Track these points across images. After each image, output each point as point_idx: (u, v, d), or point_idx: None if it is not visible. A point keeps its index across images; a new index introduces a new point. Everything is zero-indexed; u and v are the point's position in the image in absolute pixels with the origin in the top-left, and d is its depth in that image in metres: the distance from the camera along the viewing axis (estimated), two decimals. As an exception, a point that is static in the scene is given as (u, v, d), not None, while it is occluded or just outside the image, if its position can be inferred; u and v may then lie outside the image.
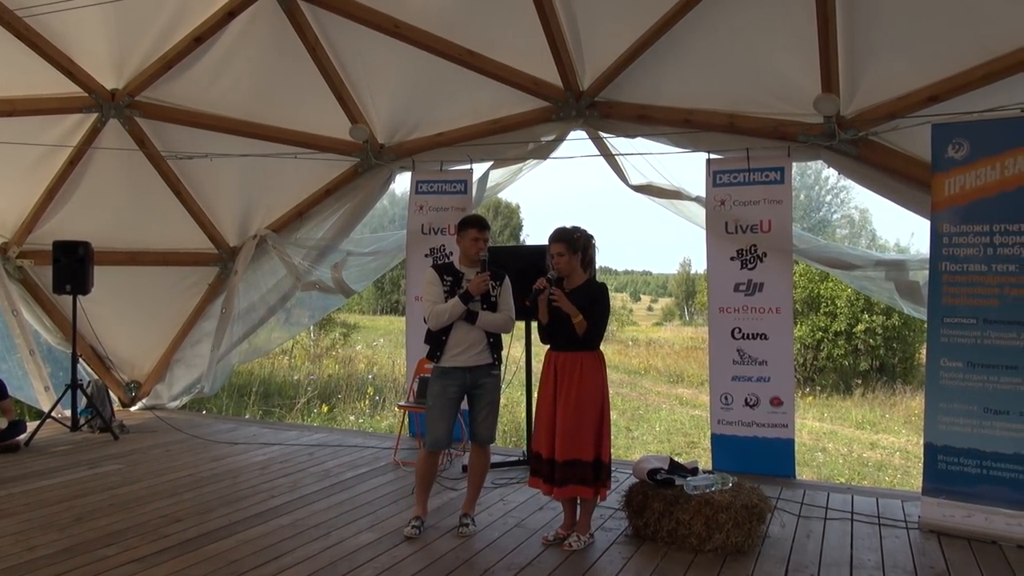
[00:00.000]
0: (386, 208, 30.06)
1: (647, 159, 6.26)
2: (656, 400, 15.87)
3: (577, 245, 4.28)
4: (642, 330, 38.62)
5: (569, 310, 4.13)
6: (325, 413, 11.98)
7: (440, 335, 4.37)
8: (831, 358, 17.90)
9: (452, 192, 7.00)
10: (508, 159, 6.81)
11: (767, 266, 5.83)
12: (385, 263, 7.72)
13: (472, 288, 4.29)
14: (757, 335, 5.85)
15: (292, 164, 7.14)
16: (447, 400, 4.35)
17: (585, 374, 4.17)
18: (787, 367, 5.85)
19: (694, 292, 59.43)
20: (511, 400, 12.71)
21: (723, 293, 5.96)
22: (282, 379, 14.54)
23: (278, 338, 8.73)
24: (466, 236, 4.40)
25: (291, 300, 8.02)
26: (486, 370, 4.40)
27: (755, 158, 5.84)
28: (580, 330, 4.14)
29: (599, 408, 4.17)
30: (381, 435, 8.07)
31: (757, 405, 5.84)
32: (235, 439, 7.12)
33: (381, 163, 7.27)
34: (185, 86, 6.82)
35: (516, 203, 62.77)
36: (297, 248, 7.70)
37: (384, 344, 21.39)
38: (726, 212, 5.93)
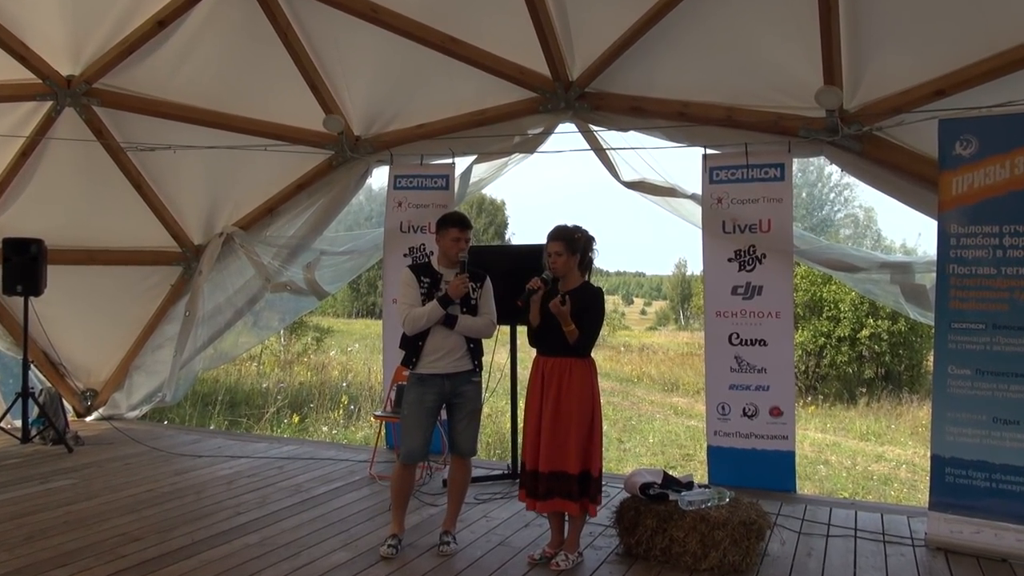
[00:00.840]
0: (362, 204, 29.99)
1: (640, 154, 6.30)
2: (649, 410, 15.91)
3: (577, 246, 4.29)
4: (635, 335, 38.73)
5: (562, 319, 4.13)
6: (296, 424, 11.92)
7: (416, 340, 4.37)
8: (834, 365, 18.02)
9: (433, 188, 7.00)
10: (493, 153, 6.82)
11: (766, 268, 5.87)
12: (361, 263, 7.70)
13: (451, 291, 4.29)
14: (756, 341, 5.88)
15: (262, 157, 7.11)
16: (424, 409, 4.35)
17: (574, 381, 4.18)
18: (787, 375, 5.88)
19: (690, 295, 59.68)
20: (495, 409, 12.69)
21: (720, 296, 5.99)
22: (250, 387, 14.45)
23: (246, 343, 8.68)
24: (446, 235, 4.40)
25: (260, 302, 7.98)
26: (466, 377, 4.40)
27: (754, 153, 5.88)
28: (571, 339, 4.16)
29: (589, 418, 4.18)
30: (356, 447, 8.04)
31: (756, 415, 5.88)
32: (199, 451, 7.07)
33: (357, 156, 7.25)
34: (147, 73, 6.78)
35: (501, 200, 62.83)
36: (267, 247, 7.67)
37: (360, 350, 21.31)
38: (723, 210, 5.96)
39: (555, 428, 4.16)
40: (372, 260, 7.70)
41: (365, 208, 28.91)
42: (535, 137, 6.63)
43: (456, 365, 4.37)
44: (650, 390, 18.87)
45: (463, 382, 4.39)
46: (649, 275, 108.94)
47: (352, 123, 7.19)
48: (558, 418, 4.15)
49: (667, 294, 78.97)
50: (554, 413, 4.17)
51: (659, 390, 18.93)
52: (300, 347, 19.64)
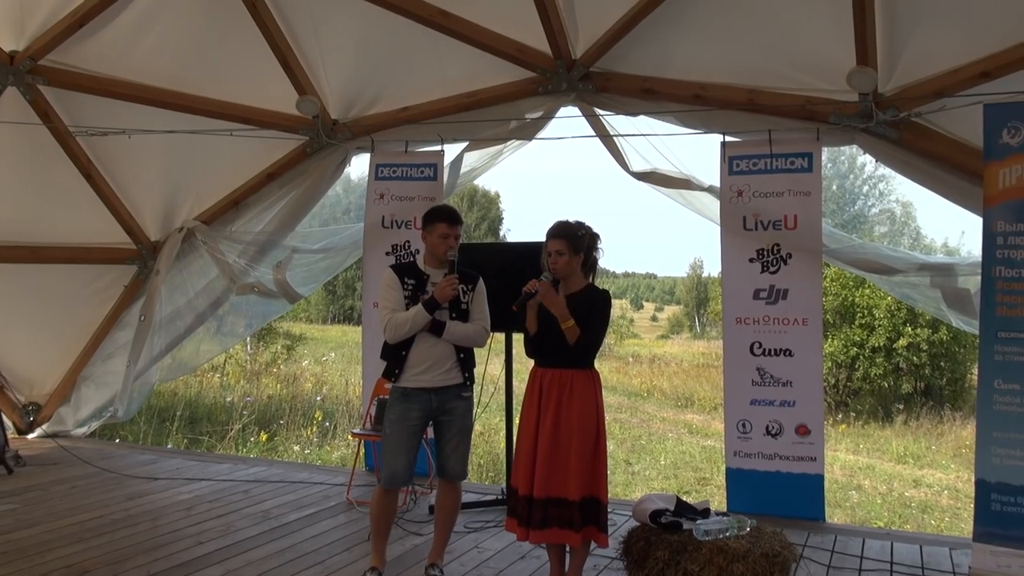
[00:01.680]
0: (340, 196, 29.99)
1: (651, 141, 6.31)
2: (661, 428, 15.92)
3: (580, 244, 4.29)
4: (645, 344, 38.72)
5: (558, 312, 4.13)
6: (264, 442, 11.90)
7: (400, 349, 4.37)
8: (868, 379, 18.04)
9: (419, 178, 7.01)
10: (486, 139, 6.82)
11: (792, 269, 5.88)
12: (338, 262, 7.70)
13: (438, 294, 4.29)
14: (780, 351, 5.89)
15: (227, 143, 7.10)
16: (408, 427, 4.34)
17: (575, 395, 4.17)
18: (815, 389, 5.90)
19: (707, 299, 59.72)
20: (488, 427, 12.67)
21: (740, 301, 6.00)
22: (212, 401, 14.41)
23: (208, 351, 8.67)
24: (434, 231, 4.40)
25: (224, 306, 7.97)
26: (455, 392, 4.40)
27: (778, 142, 5.89)
28: (571, 338, 4.15)
29: (592, 437, 4.17)
30: (332, 469, 8.03)
31: (780, 434, 5.89)
32: (155, 473, 7.06)
33: (334, 143, 7.25)
34: (99, 48, 6.77)
35: (495, 191, 62.80)
36: (232, 243, 7.67)
37: (336, 359, 21.26)
38: (744, 205, 5.97)
39: (553, 449, 4.15)
40: (350, 259, 7.70)
41: (343, 201, 28.91)
42: (534, 122, 6.64)
43: (444, 378, 4.37)
44: (661, 406, 18.87)
45: (452, 397, 4.39)
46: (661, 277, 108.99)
47: (329, 105, 7.19)
48: (557, 437, 4.14)
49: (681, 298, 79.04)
50: (553, 431, 4.15)
51: (672, 406, 18.94)
52: (269, 356, 19.57)
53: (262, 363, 18.72)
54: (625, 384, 21.67)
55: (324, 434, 12.59)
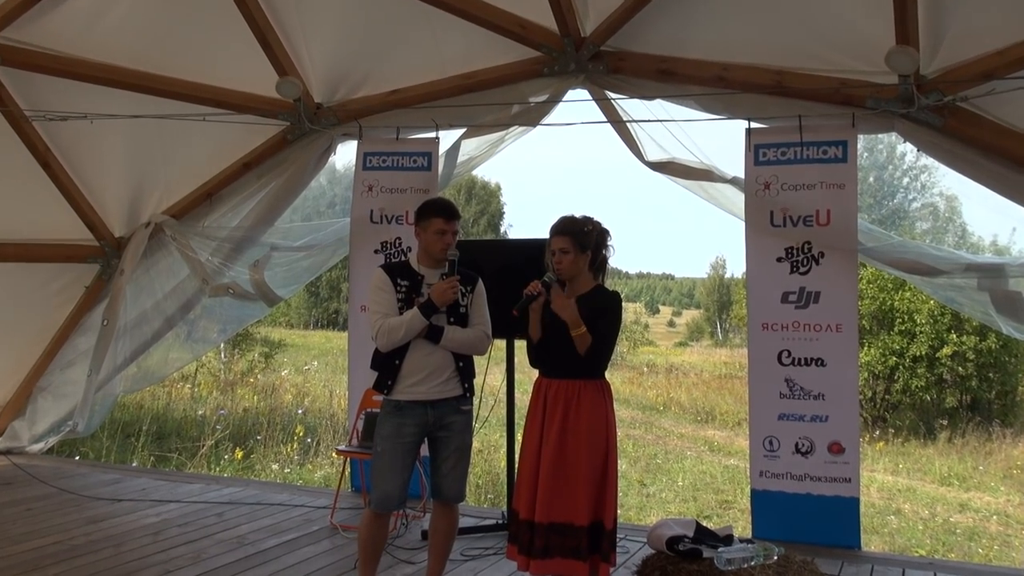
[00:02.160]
0: (324, 188, 29.92)
1: (669, 128, 6.30)
2: (679, 445, 15.92)
3: (587, 241, 4.29)
4: (661, 352, 38.74)
5: (568, 317, 4.14)
6: (239, 460, 11.91)
7: (392, 358, 4.37)
8: (908, 391, 18.06)
9: (411, 168, 7.01)
10: (486, 125, 6.83)
11: (825, 270, 5.88)
12: (321, 261, 7.70)
13: (435, 296, 4.29)
14: (812, 360, 5.89)
15: (199, 129, 7.10)
16: (402, 444, 4.34)
17: (583, 408, 4.17)
18: (850, 402, 5.89)
19: (729, 302, 59.67)
20: (487, 444, 12.68)
21: (767, 305, 6.00)
22: (182, 414, 14.42)
23: (177, 360, 8.67)
24: (428, 227, 4.41)
25: (196, 309, 7.97)
26: (454, 405, 4.40)
27: (810, 128, 5.89)
28: (581, 346, 4.15)
29: (602, 455, 4.17)
30: (314, 490, 8.03)
31: (811, 452, 5.88)
32: (119, 494, 7.07)
33: (317, 129, 7.26)
34: (59, 24, 6.77)
35: (496, 183, 62.87)
36: (205, 240, 7.67)
37: (319, 369, 21.28)
38: (771, 198, 5.97)
39: (559, 468, 4.15)
40: (335, 257, 7.70)
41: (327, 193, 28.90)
42: (538, 107, 6.64)
43: (442, 390, 4.37)
44: (679, 421, 18.88)
45: (450, 411, 4.39)
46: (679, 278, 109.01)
47: (312, 88, 7.19)
48: (563, 455, 4.14)
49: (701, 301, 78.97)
50: (558, 449, 4.16)
51: (691, 421, 18.94)
52: (245, 365, 19.58)
53: (237, 372, 18.73)
54: (639, 396, 21.68)
55: (306, 451, 12.60)
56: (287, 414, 14.65)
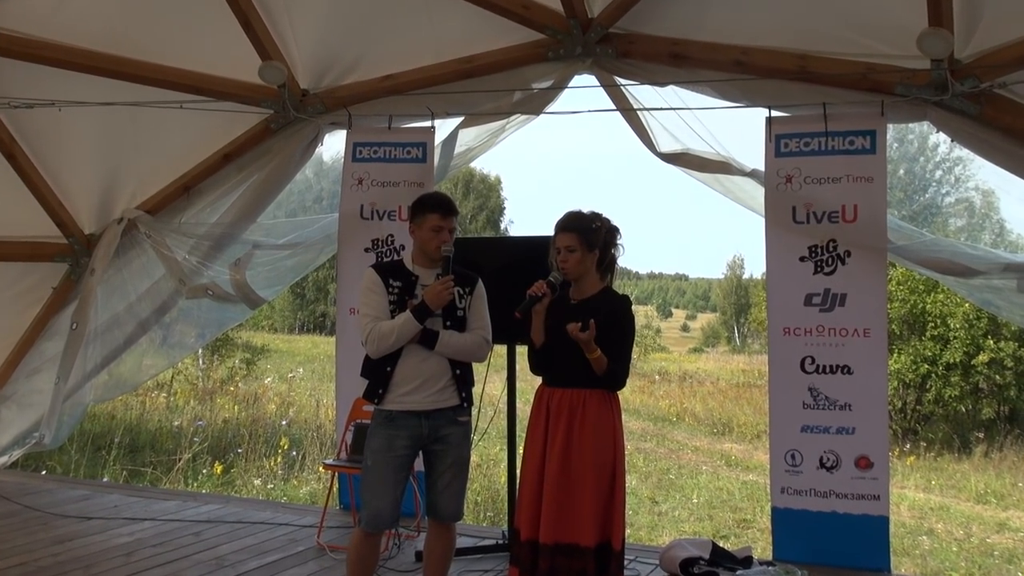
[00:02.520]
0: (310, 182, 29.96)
1: (683, 117, 6.30)
2: (693, 459, 15.92)
3: (595, 239, 4.29)
4: (674, 359, 38.75)
5: (586, 346, 4.12)
6: (219, 475, 11.91)
7: (384, 365, 4.37)
8: (941, 401, 18.04)
9: (405, 159, 7.01)
10: (485, 114, 6.82)
11: (852, 270, 5.88)
12: (308, 260, 7.70)
13: (430, 298, 4.29)
14: (837, 367, 5.88)
15: (176, 117, 7.10)
16: (394, 458, 4.34)
17: (589, 420, 4.18)
18: (879, 413, 5.89)
19: (748, 305, 59.68)
20: (486, 458, 12.68)
21: (789, 307, 6.00)
22: (157, 426, 14.42)
23: (152, 366, 8.67)
24: (424, 224, 4.41)
25: (172, 312, 7.97)
26: (450, 416, 4.40)
27: (835, 117, 5.89)
28: (599, 369, 4.16)
29: (609, 470, 4.18)
30: (299, 507, 8.03)
31: (837, 467, 5.87)
32: (88, 511, 7.07)
33: (304, 117, 7.25)
34: (23, 4, 6.77)
35: (496, 176, 62.98)
36: (182, 237, 7.67)
37: (305, 376, 21.28)
38: (794, 193, 5.97)
39: (563, 484, 4.15)
40: (322, 256, 7.70)
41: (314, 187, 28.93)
42: (542, 93, 6.64)
43: (437, 399, 4.37)
44: (694, 433, 18.88)
45: (446, 422, 4.39)
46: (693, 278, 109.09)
47: (298, 73, 7.19)
48: (567, 470, 4.15)
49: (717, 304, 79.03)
50: (562, 463, 4.16)
51: (706, 433, 18.94)
52: (225, 372, 19.58)
53: (217, 380, 18.73)
54: (650, 407, 21.68)
55: (290, 466, 12.60)
56: (270, 425, 14.64)
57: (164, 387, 16.83)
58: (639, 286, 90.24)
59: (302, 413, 16.00)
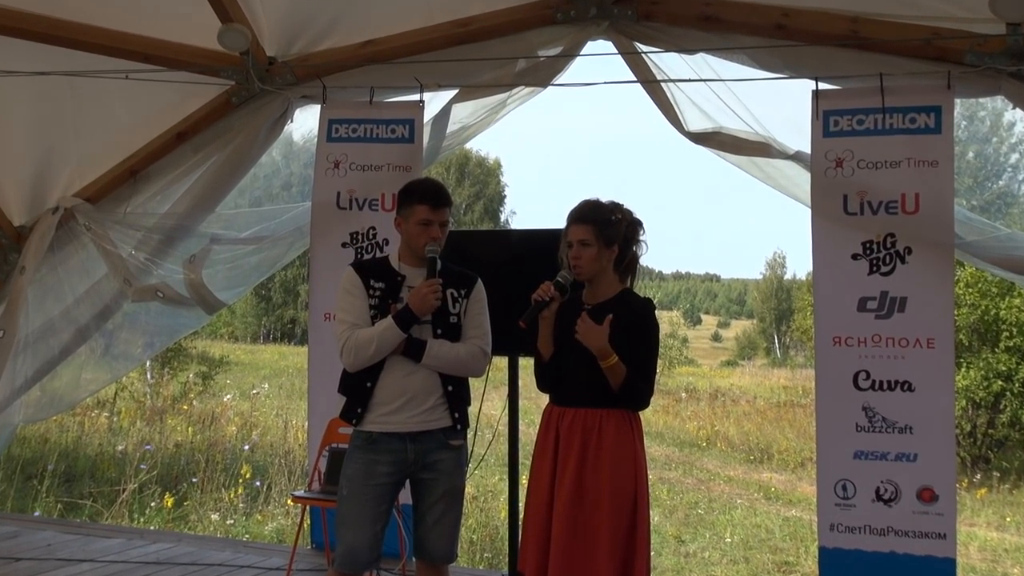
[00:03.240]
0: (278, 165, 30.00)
1: (714, 89, 6.30)
2: (727, 492, 15.91)
3: (614, 233, 4.30)
4: (703, 373, 38.76)
5: (596, 347, 4.12)
6: (170, 509, 11.91)
7: (364, 380, 4.38)
8: (1018, 424, 18.04)
9: (389, 139, 7.01)
10: (484, 86, 6.83)
11: (913, 269, 5.87)
12: (274, 257, 7.69)
13: (414, 303, 4.29)
14: (896, 384, 5.87)
15: (121, 90, 7.11)
16: (373, 487, 4.35)
17: (606, 444, 4.18)
18: (945, 438, 5.88)
19: (790, 311, 59.75)
20: (483, 489, 12.67)
21: (839, 313, 5.99)
22: (98, 450, 14.43)
23: (92, 381, 8.66)
24: (412, 216, 4.41)
25: (115, 317, 7.97)
26: (441, 439, 4.41)
27: (893, 91, 5.88)
28: (615, 379, 4.15)
29: (629, 504, 4.18)
30: (265, 546, 8.04)
31: (896, 500, 5.87)
32: (17, 551, 7.06)
33: (270, 89, 7.25)
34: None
35: (495, 159, 63.13)
36: (128, 230, 7.67)
37: (271, 393, 21.31)
38: (845, 179, 5.97)
39: (575, 519, 4.15)
40: (292, 252, 7.70)
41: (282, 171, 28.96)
42: (549, 63, 6.64)
43: (426, 420, 4.37)
44: (727, 461, 18.87)
45: (437, 446, 4.40)
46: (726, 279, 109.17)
47: (263, 38, 7.18)
48: (581, 503, 4.15)
49: (754, 309, 79.05)
50: (574, 495, 4.16)
51: (742, 461, 18.94)
52: (177, 388, 19.60)
53: (168, 398, 18.76)
54: (676, 430, 21.69)
55: (253, 497, 12.61)
56: (230, 451, 14.65)
57: (106, 405, 16.84)
58: (662, 288, 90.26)
59: (267, 436, 16.02)
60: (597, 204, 4.35)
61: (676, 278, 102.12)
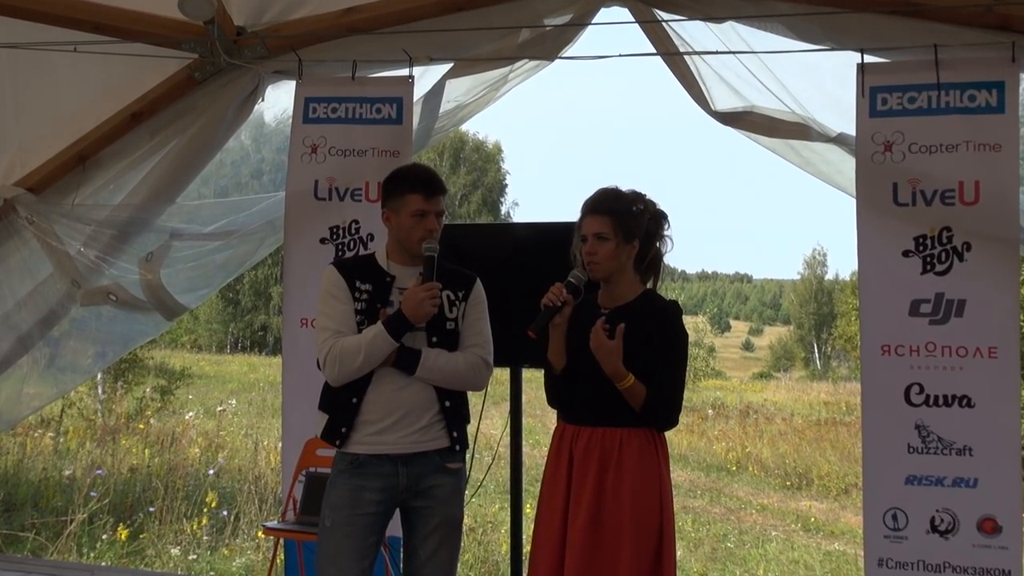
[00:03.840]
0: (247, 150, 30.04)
1: (745, 63, 6.30)
2: (759, 522, 15.90)
3: (635, 227, 4.30)
4: (733, 387, 38.75)
5: (609, 367, 4.12)
6: (124, 542, 11.92)
7: (349, 395, 4.38)
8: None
9: (374, 120, 7.02)
10: (482, 59, 6.83)
11: (973, 268, 5.86)
12: (243, 254, 7.70)
13: (409, 309, 4.29)
14: (954, 398, 5.87)
15: (68, 64, 7.13)
16: (361, 517, 4.36)
17: (626, 468, 4.18)
18: (1010, 460, 5.87)
19: (832, 316, 59.70)
20: (482, 519, 12.67)
21: (889, 318, 6.00)
22: (41, 476, 14.43)
23: (35, 397, 8.67)
24: (403, 207, 4.42)
25: (62, 324, 7.99)
26: (437, 462, 4.42)
27: (950, 64, 5.88)
28: (635, 401, 4.15)
29: (654, 535, 4.18)
30: (233, 585, 8.05)
31: (954, 531, 5.87)
32: (-49, 591, 7.09)
33: (238, 64, 7.25)
34: None
35: (495, 142, 63.14)
36: (76, 224, 7.68)
37: (239, 410, 21.31)
38: (894, 165, 5.97)
39: (593, 554, 4.16)
40: (264, 249, 7.70)
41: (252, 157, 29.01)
42: (556, 33, 6.64)
43: (420, 440, 4.39)
44: (761, 487, 18.86)
45: (432, 470, 4.41)
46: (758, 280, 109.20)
47: (231, 5, 7.18)
48: (598, 536, 4.15)
49: (791, 314, 79.06)
50: (590, 526, 4.16)
51: (777, 487, 18.93)
52: (132, 405, 19.60)
53: (121, 416, 18.75)
54: (702, 452, 21.67)
55: (219, 529, 12.61)
56: (193, 476, 14.65)
57: (51, 424, 16.84)
58: (686, 289, 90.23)
59: (235, 459, 16.01)
60: (616, 193, 4.35)
61: (701, 278, 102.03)
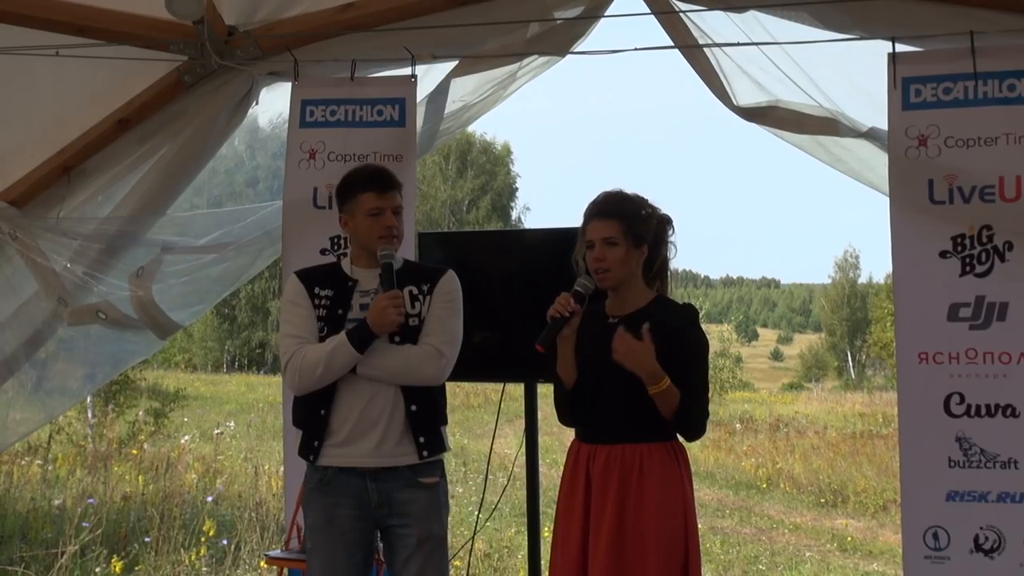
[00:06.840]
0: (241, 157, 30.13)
1: (770, 55, 6.30)
2: (792, 542, 15.89)
3: (644, 231, 4.31)
4: (761, 399, 38.74)
5: (643, 369, 4.11)
6: (118, 574, 11.94)
7: (317, 406, 4.40)
8: None
9: (375, 122, 7.02)
10: (489, 56, 6.84)
11: (1015, 269, 5.85)
12: (239, 268, 7.71)
13: (373, 318, 4.30)
14: (997, 408, 5.85)
15: (51, 69, 7.14)
16: (340, 536, 4.40)
17: (648, 487, 4.18)
18: (1058, 474, 5.86)
19: (866, 322, 59.68)
20: (497, 543, 12.66)
21: (926, 324, 5.98)
22: (29, 505, 14.46)
23: (22, 422, 8.69)
24: (357, 209, 4.52)
25: (48, 345, 8.00)
26: (407, 477, 4.42)
27: (987, 52, 5.87)
28: (667, 407, 4.14)
29: (679, 557, 4.19)
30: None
31: (999, 550, 5.84)
32: (-65, 630, 7.10)
33: (230, 65, 7.27)
34: None
35: (504, 144, 63.25)
36: (62, 238, 7.69)
37: (238, 432, 21.35)
38: (930, 161, 5.96)
39: (614, 575, 4.15)
40: (260, 262, 7.71)
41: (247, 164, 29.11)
42: (567, 26, 6.65)
43: (385, 453, 4.40)
44: (793, 505, 18.84)
45: (402, 484, 4.42)
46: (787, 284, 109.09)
47: (221, 4, 7.20)
48: (621, 560, 4.15)
49: (822, 321, 79.03)
50: (613, 550, 4.16)
51: (810, 504, 18.90)
52: (124, 429, 19.64)
53: (113, 441, 18.79)
54: (729, 468, 21.65)
55: (219, 559, 12.62)
56: (190, 503, 14.67)
57: (39, 451, 16.88)
58: (710, 296, 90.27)
59: (234, 485, 16.04)
60: (622, 196, 4.37)
61: (726, 284, 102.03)
